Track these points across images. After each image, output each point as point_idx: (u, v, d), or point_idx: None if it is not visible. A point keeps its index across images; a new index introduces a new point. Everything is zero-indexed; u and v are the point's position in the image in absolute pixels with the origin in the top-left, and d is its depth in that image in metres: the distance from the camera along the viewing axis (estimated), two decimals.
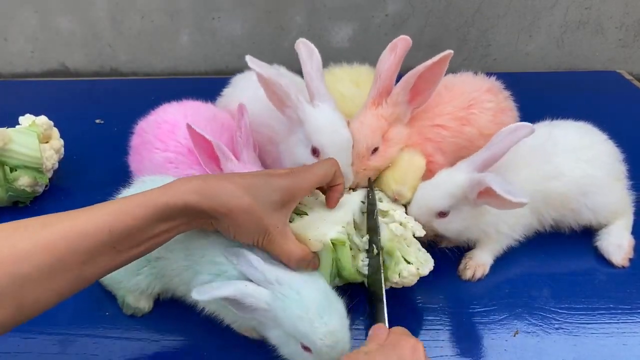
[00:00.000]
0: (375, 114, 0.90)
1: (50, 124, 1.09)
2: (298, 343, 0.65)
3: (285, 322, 0.65)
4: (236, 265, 0.69)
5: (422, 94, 0.91)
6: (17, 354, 0.77)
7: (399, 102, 0.89)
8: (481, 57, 1.60)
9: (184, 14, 1.54)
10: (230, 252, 0.70)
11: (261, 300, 0.65)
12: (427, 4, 1.51)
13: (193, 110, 0.99)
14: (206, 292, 0.66)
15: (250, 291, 0.66)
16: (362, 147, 0.88)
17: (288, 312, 0.64)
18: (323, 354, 0.64)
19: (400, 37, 0.90)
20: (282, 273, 0.68)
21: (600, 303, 0.83)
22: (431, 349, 0.76)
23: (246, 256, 0.69)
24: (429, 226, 0.85)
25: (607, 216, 0.91)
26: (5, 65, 1.65)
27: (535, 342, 0.77)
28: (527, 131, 0.81)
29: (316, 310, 0.64)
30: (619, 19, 1.55)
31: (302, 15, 1.53)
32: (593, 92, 1.45)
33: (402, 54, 0.89)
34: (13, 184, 1.00)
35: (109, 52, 1.61)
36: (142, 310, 0.81)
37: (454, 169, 0.85)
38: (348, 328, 0.67)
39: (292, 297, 0.65)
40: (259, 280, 0.67)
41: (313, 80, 0.89)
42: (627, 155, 0.96)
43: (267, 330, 0.69)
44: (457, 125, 0.95)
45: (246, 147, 0.89)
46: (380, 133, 0.89)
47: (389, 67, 0.89)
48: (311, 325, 0.63)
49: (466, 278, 0.87)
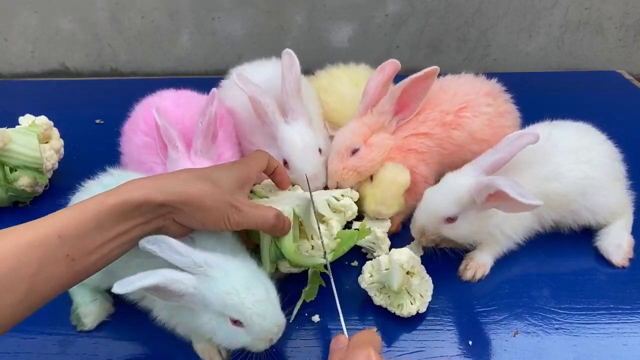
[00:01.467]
0: (359, 121, 0.96)
1: (50, 124, 1.09)
2: (228, 320, 0.66)
3: (214, 301, 0.65)
4: (157, 253, 0.65)
5: (407, 107, 0.95)
6: (17, 354, 0.77)
7: (383, 112, 0.94)
8: (481, 57, 1.60)
9: (184, 14, 1.54)
10: (150, 241, 0.65)
11: (188, 285, 0.65)
12: (427, 4, 1.51)
13: (186, 100, 0.99)
14: (129, 284, 0.62)
15: (176, 277, 0.64)
16: (342, 147, 0.94)
17: (215, 290, 0.65)
18: (255, 324, 0.65)
19: (390, 61, 0.95)
20: (208, 255, 0.67)
21: (600, 303, 0.83)
22: (431, 349, 0.77)
23: (168, 242, 0.65)
24: (437, 232, 0.85)
25: (607, 216, 0.91)
26: (5, 65, 1.65)
27: (535, 342, 0.77)
28: (532, 139, 0.82)
29: (242, 283, 0.65)
30: (619, 19, 1.55)
31: (302, 15, 1.53)
32: (593, 92, 1.45)
33: (390, 75, 0.95)
34: (13, 184, 1.00)
35: (109, 52, 1.61)
36: (85, 325, 0.79)
37: (460, 173, 0.85)
38: (277, 302, 0.69)
39: (218, 276, 0.65)
40: (186, 264, 0.65)
41: (289, 97, 0.95)
42: (627, 155, 0.96)
43: (198, 319, 0.68)
44: (444, 131, 0.95)
45: (204, 136, 0.87)
46: (361, 137, 0.95)
47: (375, 86, 0.95)
48: (238, 297, 0.64)
49: (466, 279, 0.87)
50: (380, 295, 0.81)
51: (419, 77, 0.91)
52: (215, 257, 0.67)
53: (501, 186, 0.75)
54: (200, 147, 0.88)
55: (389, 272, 0.78)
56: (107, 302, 0.82)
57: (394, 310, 0.80)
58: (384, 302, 0.81)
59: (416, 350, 0.76)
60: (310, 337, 0.79)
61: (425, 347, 0.77)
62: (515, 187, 0.74)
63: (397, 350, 0.77)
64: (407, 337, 0.79)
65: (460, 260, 0.90)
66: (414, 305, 0.80)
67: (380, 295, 0.81)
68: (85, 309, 0.80)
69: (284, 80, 0.94)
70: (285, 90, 0.94)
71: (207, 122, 0.86)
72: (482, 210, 0.82)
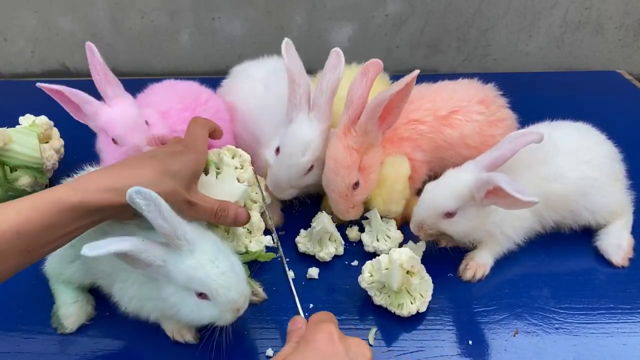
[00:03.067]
0: (345, 146, 0.88)
1: (50, 124, 1.09)
2: (193, 294, 0.67)
3: (179, 276, 0.66)
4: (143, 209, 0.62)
5: (389, 117, 0.89)
6: (17, 354, 0.77)
7: (368, 131, 0.88)
8: (481, 57, 1.60)
9: (184, 14, 1.54)
10: (140, 193, 0.62)
11: (157, 257, 0.65)
12: (427, 4, 1.51)
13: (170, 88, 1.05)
14: (99, 247, 0.61)
15: (147, 247, 0.64)
16: (343, 188, 0.89)
17: (181, 265, 0.66)
18: (220, 295, 0.66)
19: (372, 61, 0.88)
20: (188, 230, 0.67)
21: (600, 303, 0.83)
22: (431, 349, 0.77)
23: (159, 204, 0.63)
24: (435, 227, 0.85)
25: (606, 216, 0.91)
26: (5, 65, 1.65)
27: (535, 342, 0.77)
28: (536, 137, 0.82)
29: (208, 257, 0.67)
30: (618, 19, 1.55)
31: (302, 15, 1.53)
32: (593, 92, 1.45)
33: (373, 78, 0.89)
34: (13, 184, 1.00)
35: (109, 52, 1.61)
36: (65, 328, 0.79)
37: (460, 169, 0.85)
38: (243, 273, 0.70)
39: (185, 251, 0.66)
40: (166, 232, 0.64)
41: (321, 95, 0.91)
42: (627, 155, 0.96)
43: (163, 292, 0.68)
44: (437, 123, 0.95)
45: (108, 82, 0.90)
46: (355, 167, 0.89)
47: (361, 94, 0.88)
48: (203, 270, 0.66)
49: (466, 278, 0.87)
50: (380, 295, 0.81)
51: (400, 90, 0.84)
52: (194, 233, 0.68)
53: (499, 182, 0.75)
54: (111, 94, 0.90)
55: (389, 272, 0.78)
56: (89, 305, 0.82)
57: (394, 310, 0.80)
58: (384, 302, 0.81)
59: (416, 350, 0.76)
60: None
61: (425, 347, 0.77)
62: (513, 183, 0.75)
63: (397, 350, 0.77)
64: (407, 337, 0.79)
65: (461, 260, 0.90)
66: (414, 304, 0.80)
67: (380, 295, 0.81)
68: (66, 310, 0.80)
69: (323, 77, 0.91)
70: (321, 88, 0.90)
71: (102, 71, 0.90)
72: (482, 207, 0.82)
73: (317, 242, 0.92)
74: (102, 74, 0.89)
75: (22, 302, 0.84)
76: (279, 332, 0.79)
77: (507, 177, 0.76)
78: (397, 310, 0.80)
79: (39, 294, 0.84)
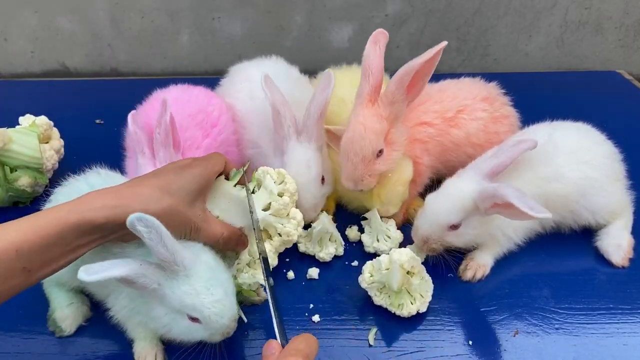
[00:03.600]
0: (375, 114, 0.88)
1: (50, 124, 1.09)
2: (185, 316, 0.67)
3: (174, 300, 0.66)
4: (144, 236, 0.62)
5: (415, 88, 0.89)
6: (17, 354, 0.77)
7: (395, 101, 0.88)
8: (481, 57, 1.60)
9: (184, 14, 1.54)
10: (142, 220, 0.61)
11: (154, 280, 0.65)
12: (427, 4, 1.51)
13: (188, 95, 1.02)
14: (97, 272, 0.60)
15: (144, 271, 0.64)
16: (368, 152, 0.87)
17: (177, 290, 0.66)
18: (212, 322, 0.67)
19: (379, 31, 0.88)
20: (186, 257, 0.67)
21: (600, 303, 0.83)
22: (431, 349, 0.77)
23: (160, 231, 0.63)
24: (440, 240, 0.85)
25: (606, 217, 0.91)
26: (5, 65, 1.64)
27: (535, 342, 0.77)
28: (530, 145, 0.83)
29: (203, 284, 0.67)
30: (618, 19, 1.55)
31: (302, 15, 1.53)
32: (593, 92, 1.45)
33: (384, 47, 0.88)
34: (13, 184, 1.00)
35: (109, 52, 1.61)
36: (63, 331, 0.79)
37: (460, 178, 0.85)
38: (234, 295, 0.71)
39: (182, 277, 0.66)
40: (165, 259, 0.64)
41: (309, 118, 0.91)
42: (627, 155, 0.96)
43: (155, 312, 0.68)
44: (444, 125, 0.95)
45: (164, 146, 0.87)
46: (383, 135, 0.88)
47: (378, 63, 0.88)
48: (198, 298, 0.66)
49: (467, 279, 0.87)
50: (380, 295, 0.81)
51: (429, 59, 0.85)
52: (191, 260, 0.68)
53: (510, 198, 0.74)
54: (162, 158, 0.87)
55: (389, 272, 0.78)
56: (84, 306, 0.82)
57: (394, 310, 0.80)
58: (384, 302, 0.81)
59: (416, 350, 0.76)
60: None
61: (425, 347, 0.77)
62: (524, 198, 0.74)
63: (397, 350, 0.77)
64: (407, 337, 0.79)
65: (461, 261, 0.90)
66: (414, 305, 0.80)
67: (381, 295, 0.81)
68: (61, 312, 0.79)
69: (312, 100, 0.91)
70: (309, 110, 0.91)
71: (164, 132, 0.86)
72: (485, 215, 0.82)
73: (317, 242, 0.92)
74: (164, 134, 0.86)
75: (22, 302, 0.84)
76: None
77: (516, 191, 0.75)
78: (397, 311, 0.80)
79: (39, 294, 0.84)
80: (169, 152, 0.87)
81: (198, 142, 0.95)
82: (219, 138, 0.99)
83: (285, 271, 0.90)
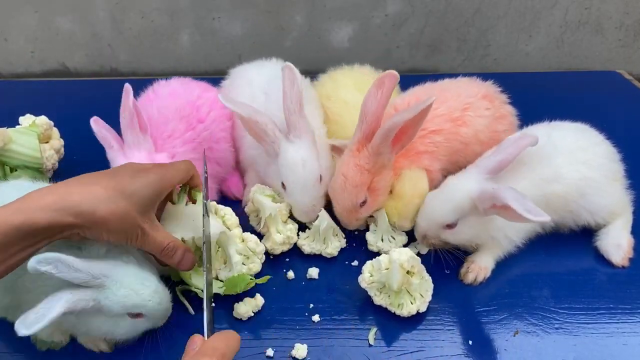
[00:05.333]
0: (357, 165, 0.86)
1: (50, 124, 1.09)
2: (125, 317, 0.70)
3: (114, 307, 0.68)
4: (54, 274, 0.62)
5: (404, 138, 0.87)
6: (17, 354, 0.77)
7: (381, 152, 0.86)
8: (481, 57, 1.60)
9: (184, 14, 1.54)
10: (42, 261, 0.61)
11: (89, 299, 0.66)
12: (427, 4, 1.51)
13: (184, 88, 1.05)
14: (35, 324, 0.60)
15: (78, 297, 0.65)
16: (349, 204, 0.89)
17: (113, 298, 0.67)
18: (155, 311, 0.71)
19: (387, 73, 0.84)
20: (103, 266, 0.67)
21: (600, 303, 0.83)
22: (431, 349, 0.77)
23: (64, 261, 0.63)
24: (438, 237, 0.85)
25: (606, 217, 0.91)
26: (5, 65, 1.64)
27: (535, 342, 0.77)
28: (532, 141, 0.83)
29: (136, 281, 0.69)
30: (618, 19, 1.55)
31: (302, 15, 1.53)
32: (593, 92, 1.45)
33: (389, 91, 0.85)
34: None
35: (109, 52, 1.61)
36: (58, 343, 0.77)
37: (462, 177, 0.85)
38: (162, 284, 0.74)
39: (113, 284, 0.68)
40: (84, 280, 0.65)
41: (291, 114, 0.90)
42: (626, 155, 0.96)
43: (88, 323, 0.69)
44: (452, 127, 0.94)
45: (130, 129, 0.89)
46: (365, 187, 0.88)
47: (376, 109, 0.85)
48: (137, 295, 0.69)
49: (468, 282, 0.87)
50: (380, 295, 0.81)
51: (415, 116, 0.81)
52: (108, 265, 0.68)
53: (508, 200, 0.74)
54: (130, 141, 0.89)
55: (389, 272, 0.78)
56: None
57: (394, 310, 0.80)
58: (384, 302, 0.81)
59: (416, 350, 0.76)
60: (310, 337, 0.79)
61: (425, 347, 0.77)
62: (522, 201, 0.74)
63: (397, 350, 0.77)
64: (407, 337, 0.79)
65: (461, 260, 0.90)
66: (414, 304, 0.80)
67: (380, 295, 0.81)
68: (42, 332, 0.73)
69: (285, 96, 0.89)
70: (287, 107, 0.89)
71: (129, 115, 0.89)
72: (484, 216, 0.82)
73: (322, 240, 0.92)
74: (128, 117, 0.88)
75: None
76: (279, 332, 0.79)
77: (515, 193, 0.75)
78: (397, 310, 0.80)
79: None
80: (135, 134, 0.89)
81: (178, 134, 0.96)
82: (204, 134, 0.99)
83: (285, 271, 0.90)
